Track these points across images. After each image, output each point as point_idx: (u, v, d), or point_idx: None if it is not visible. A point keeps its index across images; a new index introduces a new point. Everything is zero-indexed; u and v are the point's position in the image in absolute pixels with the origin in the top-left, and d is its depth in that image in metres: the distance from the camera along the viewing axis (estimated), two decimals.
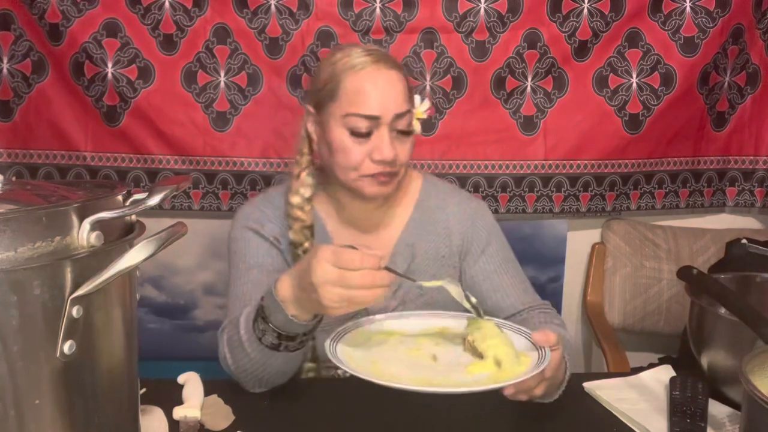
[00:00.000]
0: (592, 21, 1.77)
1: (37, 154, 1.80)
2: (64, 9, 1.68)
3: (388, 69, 1.09)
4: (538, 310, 1.18)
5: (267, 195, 1.24)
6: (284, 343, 0.96)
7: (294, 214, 1.15)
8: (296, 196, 1.15)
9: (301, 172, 1.17)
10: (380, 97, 1.07)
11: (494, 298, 1.19)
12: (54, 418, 0.54)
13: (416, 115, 1.15)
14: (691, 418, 0.95)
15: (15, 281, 0.50)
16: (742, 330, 0.91)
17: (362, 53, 1.09)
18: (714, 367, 1.05)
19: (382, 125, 1.07)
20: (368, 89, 1.07)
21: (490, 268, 1.21)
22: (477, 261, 1.21)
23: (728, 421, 0.97)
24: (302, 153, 1.17)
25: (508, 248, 1.25)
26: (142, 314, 1.89)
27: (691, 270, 1.08)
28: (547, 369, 0.88)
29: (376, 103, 1.07)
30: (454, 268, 1.22)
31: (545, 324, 1.13)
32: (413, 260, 1.19)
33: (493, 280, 1.20)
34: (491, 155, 1.84)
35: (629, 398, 1.05)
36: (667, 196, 1.95)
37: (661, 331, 1.93)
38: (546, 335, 0.89)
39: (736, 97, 1.91)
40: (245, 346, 0.98)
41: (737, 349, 0.96)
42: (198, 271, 1.90)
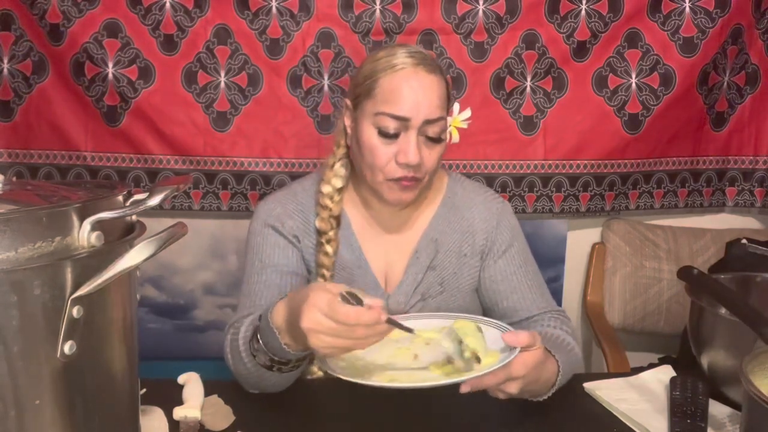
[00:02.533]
0: (590, 22, 1.77)
1: (37, 154, 1.80)
2: (64, 9, 1.68)
3: (427, 73, 1.07)
4: (550, 315, 1.17)
5: (290, 189, 1.24)
6: (277, 366, 0.96)
7: (323, 202, 1.15)
8: (328, 186, 1.16)
9: (335, 163, 1.17)
10: (413, 100, 1.06)
11: (511, 300, 1.18)
12: (54, 418, 0.54)
13: (454, 122, 1.14)
14: (691, 419, 0.95)
15: (15, 281, 0.50)
16: (742, 330, 0.91)
17: (405, 54, 1.08)
18: (714, 367, 1.05)
19: (410, 128, 1.06)
20: (403, 90, 1.06)
21: (509, 269, 1.20)
22: (497, 261, 1.20)
23: (728, 421, 0.97)
24: (339, 144, 1.18)
25: (529, 251, 1.24)
26: (142, 314, 1.90)
27: (691, 270, 1.08)
28: (517, 368, 0.87)
29: (407, 105, 1.06)
30: (475, 268, 1.21)
31: (553, 328, 1.13)
32: (436, 255, 1.19)
33: (512, 282, 1.19)
34: (491, 155, 1.84)
35: (629, 398, 1.05)
36: (666, 195, 1.96)
37: (661, 331, 1.93)
38: (516, 336, 0.88)
39: (736, 97, 1.91)
40: (242, 356, 0.98)
41: (737, 349, 0.96)
42: (198, 271, 1.90)
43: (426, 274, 1.18)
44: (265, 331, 0.92)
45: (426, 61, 1.09)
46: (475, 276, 1.21)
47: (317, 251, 1.16)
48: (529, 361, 0.89)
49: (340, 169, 1.17)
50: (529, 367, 0.89)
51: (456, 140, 1.15)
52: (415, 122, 1.06)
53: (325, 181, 1.17)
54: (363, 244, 1.19)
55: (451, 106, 1.16)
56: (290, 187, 1.24)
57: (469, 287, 1.21)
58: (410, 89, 1.06)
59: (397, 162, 1.08)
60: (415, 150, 1.06)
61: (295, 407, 1.02)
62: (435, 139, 1.09)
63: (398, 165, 1.08)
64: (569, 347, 1.09)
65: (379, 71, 1.08)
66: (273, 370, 0.96)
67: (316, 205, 1.17)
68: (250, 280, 1.15)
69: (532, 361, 0.89)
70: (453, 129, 1.15)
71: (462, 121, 1.15)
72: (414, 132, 1.07)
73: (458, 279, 1.20)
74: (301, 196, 1.21)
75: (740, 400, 0.84)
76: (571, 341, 1.11)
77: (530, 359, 0.89)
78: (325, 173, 1.18)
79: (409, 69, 1.07)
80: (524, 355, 0.88)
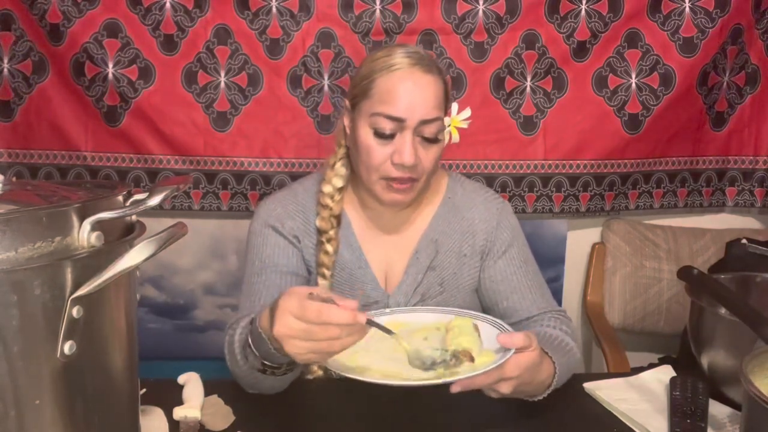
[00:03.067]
0: (590, 22, 1.77)
1: (37, 154, 1.80)
2: (64, 9, 1.68)
3: (423, 73, 1.07)
4: (550, 315, 1.17)
5: (291, 189, 1.24)
6: (270, 370, 0.95)
7: (324, 201, 1.16)
8: (328, 185, 1.16)
9: (336, 163, 1.18)
10: (408, 100, 1.06)
11: (511, 300, 1.18)
12: (54, 418, 0.54)
13: (453, 122, 1.14)
14: (691, 419, 0.95)
15: (15, 281, 0.50)
16: (742, 330, 0.91)
17: (402, 54, 1.08)
18: (714, 367, 1.05)
19: (406, 129, 1.06)
20: (398, 90, 1.06)
21: (509, 269, 1.20)
22: (497, 261, 1.20)
23: (728, 421, 0.97)
24: (339, 144, 1.19)
25: (529, 251, 1.24)
26: (142, 314, 1.90)
27: (691, 270, 1.08)
28: (510, 369, 0.87)
29: (403, 105, 1.05)
30: (475, 268, 1.21)
31: (552, 328, 1.13)
32: (436, 256, 1.19)
33: (511, 282, 1.19)
34: (491, 155, 1.84)
35: (629, 398, 1.05)
36: (666, 195, 1.96)
37: (661, 331, 1.93)
38: (510, 337, 0.88)
39: (736, 97, 1.91)
40: (238, 359, 0.98)
41: (737, 349, 0.96)
42: (198, 271, 1.90)
43: (426, 274, 1.18)
44: (255, 335, 0.92)
45: (423, 62, 1.08)
46: (475, 276, 1.21)
47: (317, 250, 1.16)
48: (522, 363, 0.89)
49: (341, 168, 1.17)
50: (523, 369, 0.89)
51: (456, 140, 1.15)
52: (410, 123, 1.06)
53: (326, 181, 1.17)
54: (363, 244, 1.19)
55: (450, 106, 1.16)
56: (291, 188, 1.24)
57: (469, 287, 1.21)
58: (406, 90, 1.06)
59: (392, 162, 1.07)
60: (411, 150, 1.06)
61: (295, 407, 1.02)
62: (431, 139, 1.09)
63: (394, 165, 1.07)
64: (567, 348, 1.09)
65: (376, 71, 1.08)
66: (267, 374, 0.96)
67: (317, 205, 1.17)
68: (250, 280, 1.15)
69: (526, 363, 0.89)
70: (453, 129, 1.14)
71: (461, 120, 1.15)
72: (410, 132, 1.06)
73: (458, 279, 1.20)
74: (301, 197, 1.21)
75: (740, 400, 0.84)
76: (570, 342, 1.11)
77: (524, 361, 0.89)
78: (326, 173, 1.18)
79: (406, 69, 1.07)
80: (518, 356, 0.88)
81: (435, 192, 1.23)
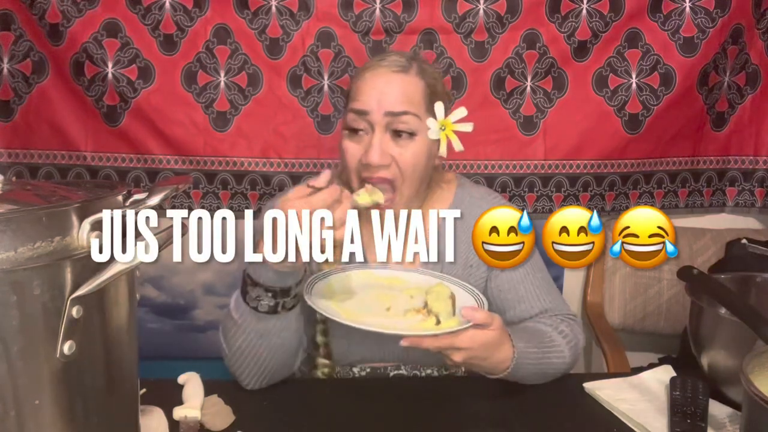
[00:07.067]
0: (591, 21, 1.77)
1: (37, 154, 1.80)
2: (64, 9, 1.68)
3: (392, 72, 1.09)
4: (551, 314, 1.15)
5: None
6: (281, 301, 0.97)
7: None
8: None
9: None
10: (372, 93, 1.07)
11: (518, 309, 1.16)
12: (54, 418, 0.54)
13: (449, 126, 1.11)
14: (691, 419, 0.95)
15: (15, 281, 0.50)
16: (742, 330, 0.91)
17: (380, 58, 1.12)
18: (714, 367, 1.05)
19: (375, 125, 1.06)
20: (365, 86, 1.08)
21: (516, 278, 1.17)
22: (503, 270, 1.18)
23: (728, 421, 0.97)
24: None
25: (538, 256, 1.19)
26: (142, 314, 1.90)
27: (691, 270, 1.07)
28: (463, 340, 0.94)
29: (367, 98, 1.07)
30: (481, 279, 1.19)
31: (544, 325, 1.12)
32: (442, 268, 1.18)
33: (518, 291, 1.17)
34: (491, 155, 1.84)
35: (629, 398, 1.05)
36: (666, 196, 1.95)
37: (661, 331, 1.93)
38: (473, 312, 0.96)
39: (736, 97, 1.91)
40: (240, 326, 1.00)
41: (737, 349, 0.96)
42: (198, 271, 1.90)
43: None
44: (256, 270, 0.95)
45: (396, 63, 1.10)
46: (482, 287, 1.19)
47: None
48: (478, 338, 0.95)
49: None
50: (478, 344, 0.95)
51: (459, 149, 1.11)
52: (376, 116, 1.06)
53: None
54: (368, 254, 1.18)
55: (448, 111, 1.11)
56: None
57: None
58: (372, 85, 1.08)
59: (362, 162, 1.07)
60: (378, 148, 1.05)
61: (295, 407, 1.02)
62: (405, 134, 1.07)
63: (363, 166, 1.07)
64: (551, 344, 1.08)
65: (357, 75, 1.12)
66: (279, 311, 0.97)
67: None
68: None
69: (482, 339, 0.96)
70: (450, 134, 1.12)
71: (455, 122, 1.10)
72: (380, 129, 1.06)
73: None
74: None
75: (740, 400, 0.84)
76: (557, 339, 1.10)
77: (480, 337, 0.95)
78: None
79: (376, 68, 1.10)
80: (476, 331, 0.95)
81: (443, 200, 1.21)
